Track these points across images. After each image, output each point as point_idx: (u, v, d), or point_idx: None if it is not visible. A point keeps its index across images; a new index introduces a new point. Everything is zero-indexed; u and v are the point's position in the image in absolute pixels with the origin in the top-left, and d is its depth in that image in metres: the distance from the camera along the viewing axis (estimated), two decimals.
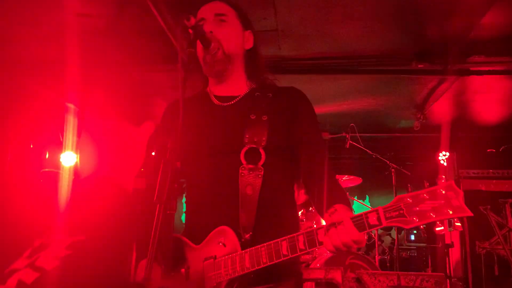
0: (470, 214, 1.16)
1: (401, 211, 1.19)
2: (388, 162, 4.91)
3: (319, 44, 4.26)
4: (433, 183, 1.21)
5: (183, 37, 1.55)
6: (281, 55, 4.47)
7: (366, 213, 1.24)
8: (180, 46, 1.43)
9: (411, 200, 1.18)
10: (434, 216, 1.16)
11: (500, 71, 4.39)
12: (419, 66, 4.15)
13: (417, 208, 1.17)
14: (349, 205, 1.42)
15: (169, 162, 1.25)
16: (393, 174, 4.87)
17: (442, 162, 6.11)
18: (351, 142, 5.33)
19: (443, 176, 1.18)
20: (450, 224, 4.88)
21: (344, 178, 4.99)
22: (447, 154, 6.11)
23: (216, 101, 1.63)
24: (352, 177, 5.01)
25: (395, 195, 4.88)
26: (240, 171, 1.47)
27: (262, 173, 1.47)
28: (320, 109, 5.93)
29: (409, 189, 1.26)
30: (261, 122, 1.52)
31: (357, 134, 5.88)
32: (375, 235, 5.20)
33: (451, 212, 1.15)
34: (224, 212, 1.46)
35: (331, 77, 4.77)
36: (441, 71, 4.27)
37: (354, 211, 1.37)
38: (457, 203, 1.16)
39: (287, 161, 1.59)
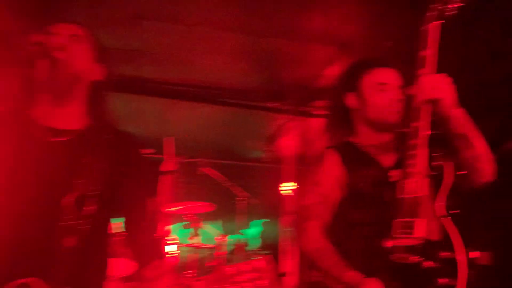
0: None
1: (223, 282, 1.25)
2: (239, 191, 5.12)
3: (182, 71, 4.34)
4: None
5: (27, 51, 1.39)
6: (143, 76, 4.42)
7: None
8: (21, 59, 1.31)
9: (232, 272, 1.25)
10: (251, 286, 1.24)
11: None
12: (272, 104, 4.50)
13: (236, 279, 1.24)
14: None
15: None
16: (243, 202, 5.09)
17: (285, 193, 6.60)
18: (204, 168, 5.44)
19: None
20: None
21: (197, 205, 5.05)
22: (292, 185, 6.63)
23: (43, 132, 1.40)
24: (205, 203, 5.10)
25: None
26: (63, 218, 1.33)
27: (87, 223, 1.35)
28: (177, 133, 5.95)
29: None
30: (95, 168, 1.40)
31: (211, 160, 6.04)
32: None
33: (267, 285, 1.25)
34: (38, 263, 1.30)
35: (191, 103, 4.86)
36: (290, 111, 4.68)
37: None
38: (273, 275, 1.28)
39: (111, 212, 1.50)
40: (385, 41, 3.50)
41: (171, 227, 5.85)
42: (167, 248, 4.69)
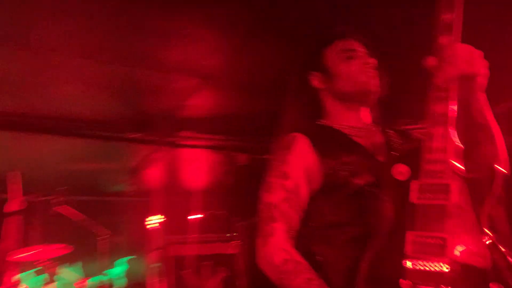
0: None
1: None
2: (100, 228, 4.75)
3: (31, 101, 3.91)
4: None
5: None
6: None
7: None
8: None
9: None
10: None
11: (204, 146, 4.99)
12: (135, 135, 4.31)
13: None
14: None
15: None
16: (105, 240, 4.72)
17: (152, 226, 6.34)
18: (61, 206, 4.93)
19: None
20: None
21: (50, 248, 4.53)
22: (159, 218, 6.40)
23: None
24: (60, 245, 4.60)
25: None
26: None
27: None
28: (29, 169, 5.34)
29: None
30: None
31: (70, 197, 5.52)
32: None
33: None
34: None
35: (44, 136, 4.41)
36: (155, 141, 4.53)
37: None
38: None
39: None
40: (245, 74, 3.63)
41: (20, 276, 5.14)
42: None
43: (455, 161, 1.11)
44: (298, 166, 1.36)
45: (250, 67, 3.60)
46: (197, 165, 5.72)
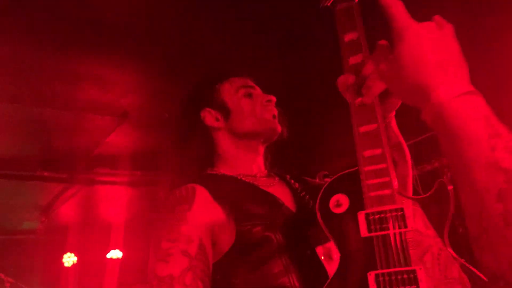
0: None
1: None
2: (3, 276, 4.35)
3: None
4: None
5: None
6: None
7: None
8: None
9: None
10: None
11: (121, 182, 4.80)
12: (44, 173, 4.06)
13: None
14: None
15: None
16: (13, 285, 4.34)
17: (66, 265, 5.95)
18: None
19: None
20: None
21: None
22: (73, 256, 6.01)
23: None
24: None
25: None
26: None
27: None
28: None
29: None
30: None
31: None
32: None
33: None
34: None
35: None
36: (67, 179, 4.30)
37: None
38: None
39: None
40: (163, 112, 3.56)
41: None
42: None
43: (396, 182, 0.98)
44: (201, 225, 1.07)
45: (166, 104, 3.55)
46: (115, 202, 5.48)
